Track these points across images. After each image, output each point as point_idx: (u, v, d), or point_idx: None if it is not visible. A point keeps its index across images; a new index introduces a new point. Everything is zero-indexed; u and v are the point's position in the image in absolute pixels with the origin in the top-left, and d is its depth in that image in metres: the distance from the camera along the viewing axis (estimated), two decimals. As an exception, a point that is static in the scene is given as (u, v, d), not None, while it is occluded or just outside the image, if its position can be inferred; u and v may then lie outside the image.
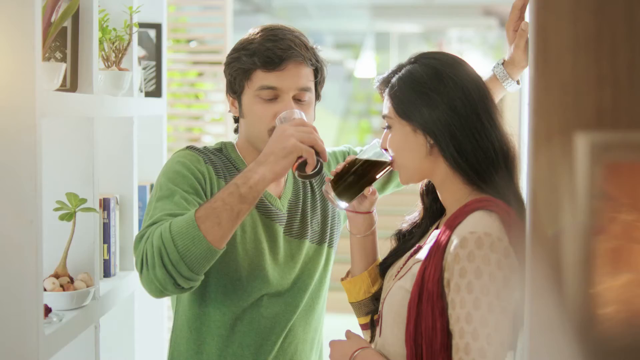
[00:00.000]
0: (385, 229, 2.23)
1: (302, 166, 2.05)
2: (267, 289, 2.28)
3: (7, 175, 1.86)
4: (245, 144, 2.34)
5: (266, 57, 2.20)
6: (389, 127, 2.01)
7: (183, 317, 2.32)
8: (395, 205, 2.55)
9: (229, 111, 2.36)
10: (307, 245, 2.37)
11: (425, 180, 2.11)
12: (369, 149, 2.10)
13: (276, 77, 2.21)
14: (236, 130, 2.39)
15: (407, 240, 2.13)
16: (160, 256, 1.98)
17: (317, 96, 2.35)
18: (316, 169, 2.06)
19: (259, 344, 2.30)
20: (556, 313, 1.12)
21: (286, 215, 2.34)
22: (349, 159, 2.12)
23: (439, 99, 1.92)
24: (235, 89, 2.28)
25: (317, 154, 2.06)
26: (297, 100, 2.24)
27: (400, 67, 2.01)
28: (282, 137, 2.05)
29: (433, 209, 2.11)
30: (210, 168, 2.25)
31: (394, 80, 1.99)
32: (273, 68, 2.21)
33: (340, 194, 2.09)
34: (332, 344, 2.07)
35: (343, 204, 2.11)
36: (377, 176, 2.10)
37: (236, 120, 2.37)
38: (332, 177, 2.11)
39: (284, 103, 2.22)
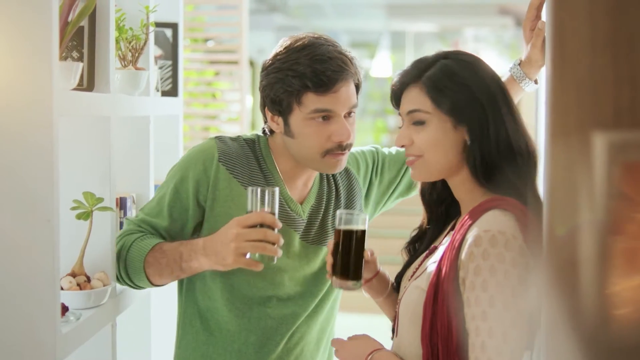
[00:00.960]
0: (399, 229, 2.21)
1: None
2: (275, 291, 2.28)
3: (24, 174, 1.87)
4: (282, 150, 2.32)
5: (319, 79, 2.17)
6: (420, 123, 1.95)
7: (194, 307, 2.36)
8: (409, 205, 2.55)
9: (265, 126, 2.35)
10: (325, 252, 2.36)
11: (426, 186, 2.09)
12: (339, 221, 2.06)
13: (330, 100, 2.19)
14: (264, 132, 2.37)
15: (417, 249, 2.12)
16: (118, 269, 2.31)
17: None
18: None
19: (262, 342, 2.31)
20: (571, 313, 1.11)
21: (305, 221, 2.34)
22: (329, 245, 2.10)
23: (481, 96, 1.90)
24: (280, 109, 2.25)
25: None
26: (347, 117, 2.24)
27: (429, 63, 1.97)
28: (225, 247, 2.10)
29: (438, 213, 2.09)
30: (222, 168, 2.27)
31: (430, 74, 1.94)
32: (326, 90, 2.18)
33: (348, 277, 2.06)
34: (341, 344, 2.04)
35: (357, 284, 2.08)
36: (365, 237, 2.06)
37: (270, 131, 2.35)
38: (329, 271, 2.09)
39: (338, 124, 2.21)
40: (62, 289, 2.16)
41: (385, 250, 4.31)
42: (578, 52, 1.13)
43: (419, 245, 2.12)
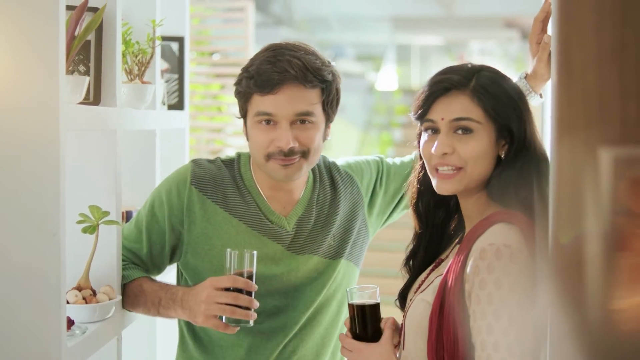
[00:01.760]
0: (405, 242, 2.20)
1: None
2: (263, 304, 2.22)
3: (31, 188, 1.87)
4: None
5: (262, 80, 2.14)
6: (467, 132, 1.89)
7: (189, 325, 2.37)
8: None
9: (242, 132, 2.36)
10: (316, 260, 2.33)
11: (420, 197, 2.07)
12: (350, 296, 2.04)
13: (271, 102, 2.15)
14: None
15: (415, 264, 2.10)
16: None
17: (328, 116, 2.26)
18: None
19: (251, 358, 2.31)
20: (576, 327, 1.11)
21: (292, 233, 2.32)
22: (346, 322, 2.07)
23: (524, 111, 1.91)
24: (241, 112, 2.27)
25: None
26: (299, 124, 2.18)
27: (469, 72, 1.92)
28: (197, 306, 2.14)
29: (433, 223, 2.07)
30: (195, 191, 2.30)
31: (482, 83, 1.89)
32: (268, 92, 2.14)
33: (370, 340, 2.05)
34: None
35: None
36: (379, 309, 2.04)
37: None
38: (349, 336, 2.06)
39: (280, 130, 2.16)
40: (67, 302, 2.16)
41: (390, 264, 4.29)
42: (584, 66, 1.13)
43: (415, 260, 2.10)
